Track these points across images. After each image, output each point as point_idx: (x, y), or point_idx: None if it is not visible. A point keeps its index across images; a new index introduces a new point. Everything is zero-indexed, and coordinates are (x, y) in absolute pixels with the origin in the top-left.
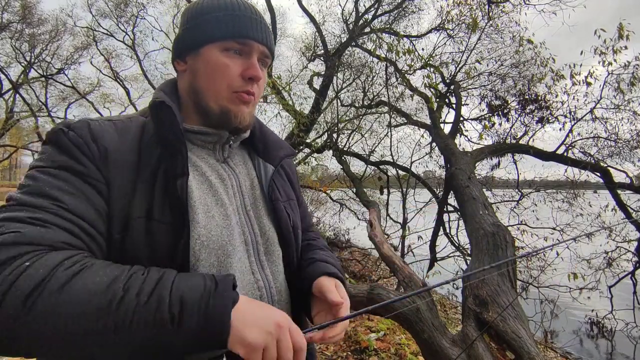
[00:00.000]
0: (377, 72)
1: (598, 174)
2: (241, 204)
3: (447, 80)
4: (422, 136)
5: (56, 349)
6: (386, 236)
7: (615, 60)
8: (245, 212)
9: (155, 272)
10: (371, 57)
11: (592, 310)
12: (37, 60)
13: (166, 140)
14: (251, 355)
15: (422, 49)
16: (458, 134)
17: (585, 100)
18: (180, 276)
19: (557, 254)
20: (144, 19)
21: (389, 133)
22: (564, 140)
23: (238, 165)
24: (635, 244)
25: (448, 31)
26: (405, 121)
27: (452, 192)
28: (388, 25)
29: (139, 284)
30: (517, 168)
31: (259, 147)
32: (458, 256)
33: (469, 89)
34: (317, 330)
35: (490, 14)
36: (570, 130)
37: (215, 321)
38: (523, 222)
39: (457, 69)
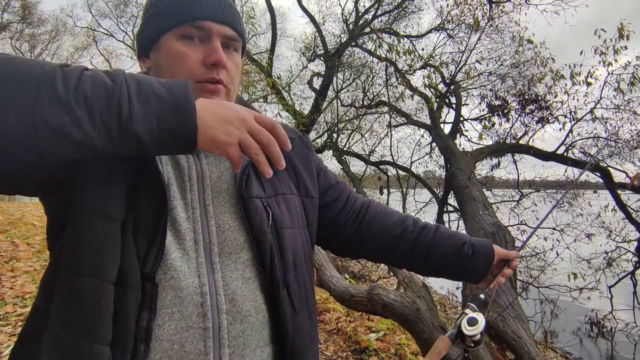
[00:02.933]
0: (377, 72)
1: (598, 174)
2: (198, 198)
3: (447, 80)
4: (422, 136)
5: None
6: None
7: (615, 60)
8: (203, 207)
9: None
10: (371, 57)
11: (592, 310)
12: None
13: None
14: (228, 151)
15: (422, 49)
16: (458, 134)
17: (585, 100)
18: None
19: (557, 254)
20: None
21: (389, 133)
22: (564, 140)
23: (209, 155)
24: (635, 244)
25: (448, 31)
26: (405, 121)
27: (452, 192)
28: (388, 25)
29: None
30: (517, 168)
31: None
32: None
33: (469, 89)
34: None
35: (491, 14)
36: (570, 130)
37: (181, 114)
38: (523, 222)
39: (457, 69)
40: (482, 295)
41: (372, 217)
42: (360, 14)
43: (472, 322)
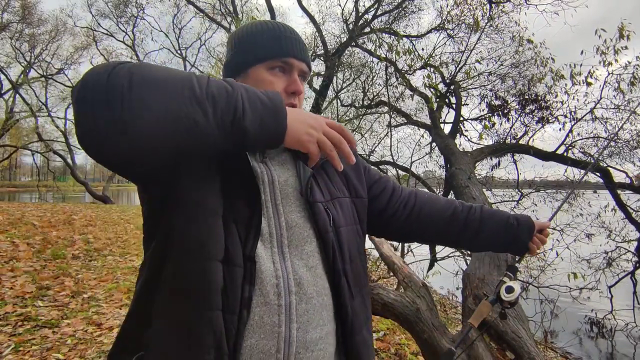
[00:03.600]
0: (377, 72)
1: (598, 174)
2: (271, 198)
3: (447, 80)
4: (422, 136)
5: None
6: None
7: (615, 60)
8: (274, 206)
9: None
10: (371, 57)
11: (592, 310)
12: (37, 61)
13: None
14: (309, 147)
15: (422, 49)
16: (458, 134)
17: (585, 100)
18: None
19: (557, 254)
20: (144, 19)
21: (389, 133)
22: (564, 140)
23: (275, 165)
24: (635, 244)
25: (448, 31)
26: (405, 121)
27: (452, 192)
28: (388, 25)
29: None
30: (517, 168)
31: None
32: (458, 256)
33: (469, 89)
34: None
35: (491, 14)
36: (570, 130)
37: (277, 117)
38: None
39: (457, 69)
40: (517, 264)
41: (422, 203)
42: (360, 14)
43: (509, 290)
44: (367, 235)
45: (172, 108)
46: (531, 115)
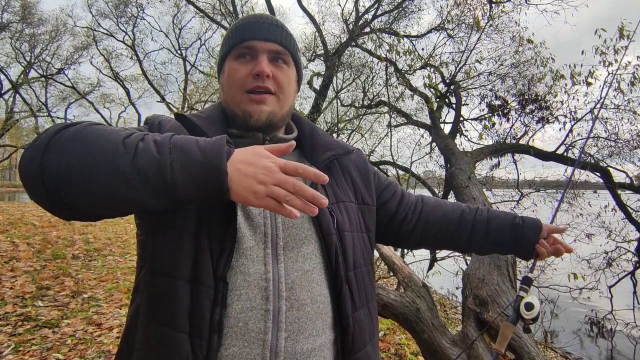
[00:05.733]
0: (377, 72)
1: (598, 174)
2: None
3: (447, 80)
4: (422, 136)
5: (77, 176)
6: None
7: (615, 60)
8: None
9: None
10: (371, 57)
11: (592, 310)
12: (37, 61)
13: None
14: (261, 204)
15: (422, 49)
16: (458, 134)
17: (585, 100)
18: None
19: None
20: (144, 19)
21: (389, 133)
22: (564, 140)
23: None
24: (635, 244)
25: (448, 31)
26: (405, 121)
27: (452, 192)
28: (388, 25)
29: (141, 134)
30: (517, 168)
31: (306, 149)
32: (458, 256)
33: (469, 89)
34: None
35: (491, 13)
36: (570, 130)
37: (215, 178)
38: None
39: (457, 69)
40: (530, 275)
41: (430, 207)
42: (360, 14)
43: (529, 307)
44: None
45: (99, 187)
46: (531, 115)
